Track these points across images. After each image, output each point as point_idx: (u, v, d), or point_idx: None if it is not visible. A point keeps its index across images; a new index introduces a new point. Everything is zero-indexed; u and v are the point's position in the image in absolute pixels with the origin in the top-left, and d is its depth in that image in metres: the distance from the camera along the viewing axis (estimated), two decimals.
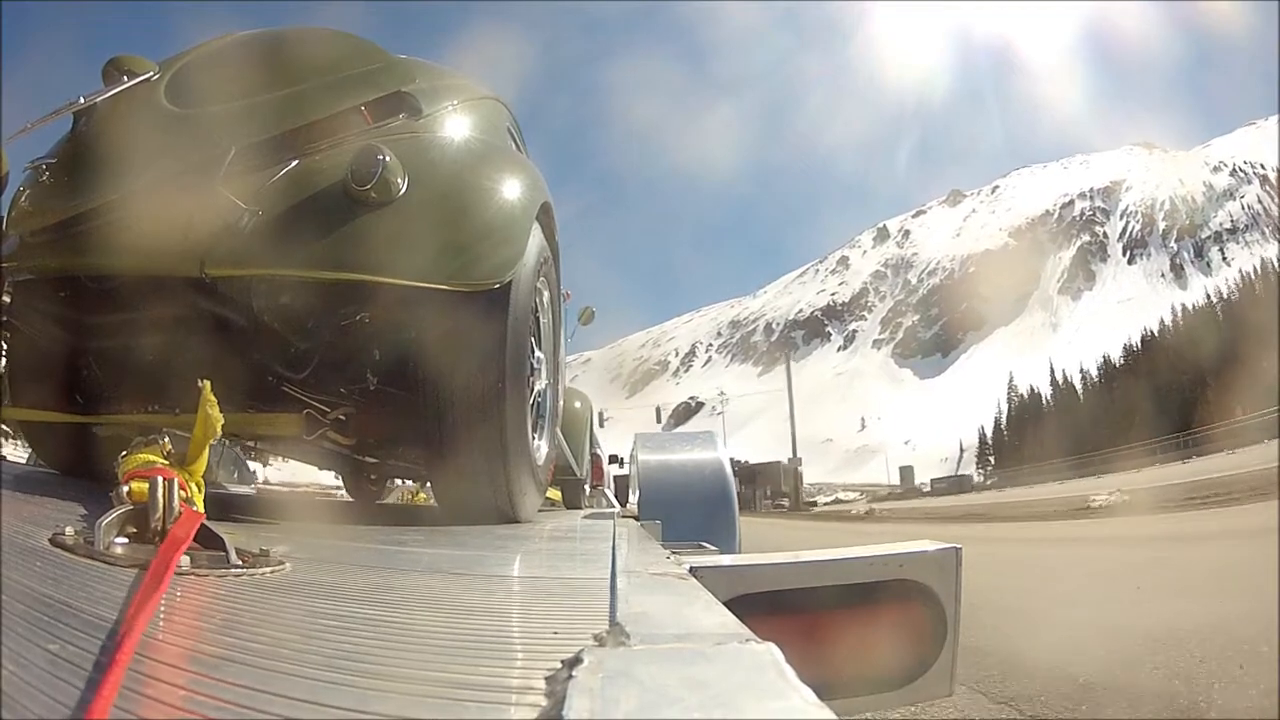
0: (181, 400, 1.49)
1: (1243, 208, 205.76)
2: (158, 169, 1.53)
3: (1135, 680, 2.90)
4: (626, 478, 5.37)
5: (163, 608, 0.60)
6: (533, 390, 1.90)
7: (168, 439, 1.04)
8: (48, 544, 0.76)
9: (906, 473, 67.10)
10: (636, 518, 2.18)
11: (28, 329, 1.69)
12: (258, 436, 2.17)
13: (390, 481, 4.63)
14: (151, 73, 1.66)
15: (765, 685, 0.40)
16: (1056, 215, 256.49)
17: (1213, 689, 2.71)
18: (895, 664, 1.04)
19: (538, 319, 1.97)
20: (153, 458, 0.98)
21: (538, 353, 1.99)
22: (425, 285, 1.48)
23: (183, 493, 0.86)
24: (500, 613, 0.79)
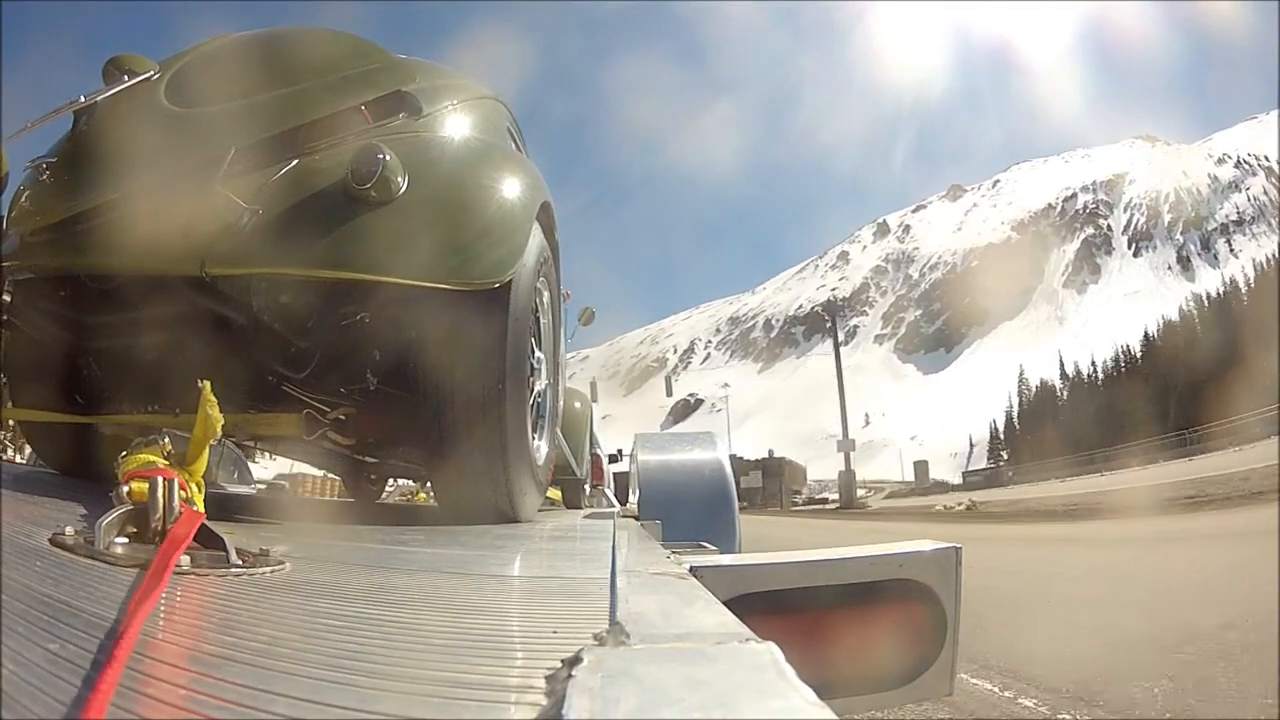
0: (181, 400, 1.49)
1: (1248, 199, 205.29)
2: (158, 168, 1.53)
3: None
4: (626, 475, 5.37)
5: (163, 607, 0.60)
6: (533, 390, 1.90)
7: (168, 439, 1.04)
8: (48, 544, 0.76)
9: (921, 468, 65.54)
10: (636, 517, 2.18)
11: (28, 329, 1.69)
12: (258, 436, 2.17)
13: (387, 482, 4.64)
14: (151, 72, 1.66)
15: (765, 685, 0.40)
16: (1059, 209, 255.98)
17: None
18: (895, 663, 1.04)
19: (538, 319, 1.97)
20: (153, 458, 0.98)
21: (538, 352, 1.99)
22: (425, 284, 1.48)
23: (183, 493, 0.86)
24: (500, 612, 0.79)
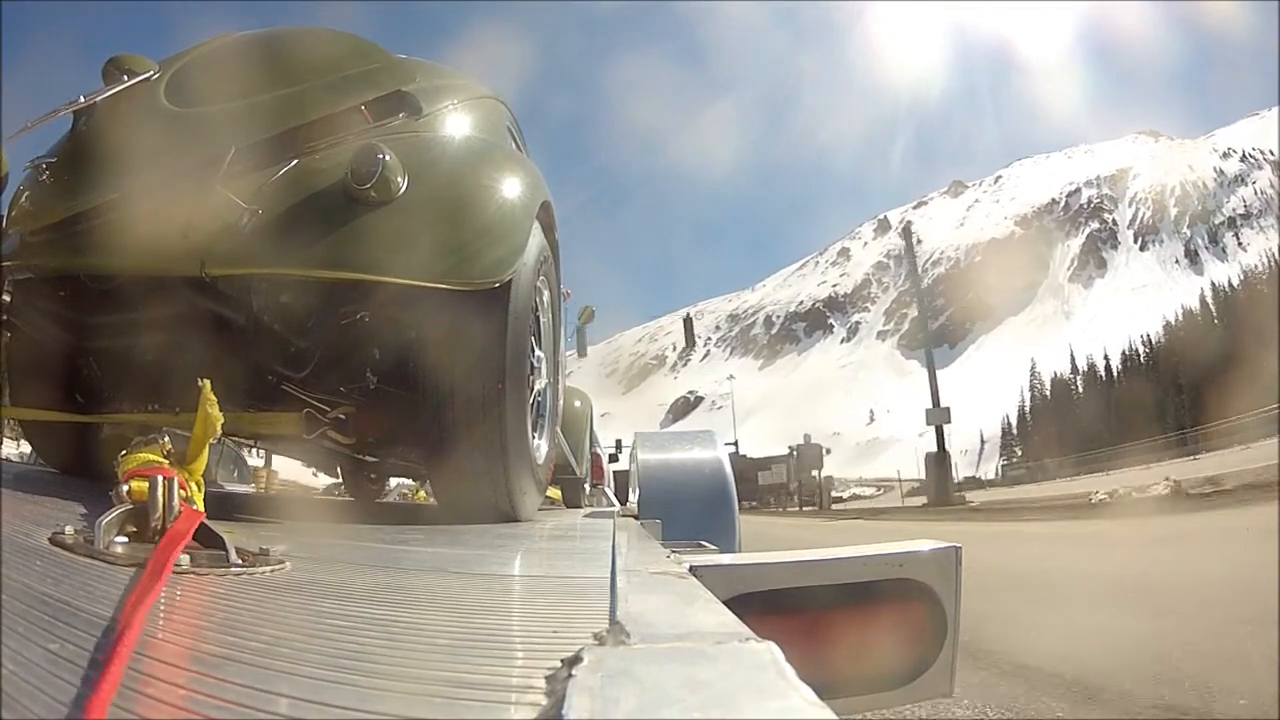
0: (181, 399, 1.49)
1: (1255, 193, 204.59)
2: (158, 168, 1.53)
3: None
4: (625, 473, 5.37)
5: (163, 607, 0.60)
6: (533, 389, 1.90)
7: (168, 438, 1.04)
8: (48, 543, 0.76)
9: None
10: (636, 517, 2.18)
11: (28, 329, 1.69)
12: (258, 435, 2.18)
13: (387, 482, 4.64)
14: (151, 72, 1.66)
15: (765, 684, 0.40)
16: (1063, 203, 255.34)
17: None
18: (895, 663, 1.04)
19: (538, 318, 1.97)
20: (153, 457, 0.98)
21: (538, 352, 1.99)
22: (425, 284, 1.48)
23: (183, 492, 0.86)
24: (500, 611, 0.79)
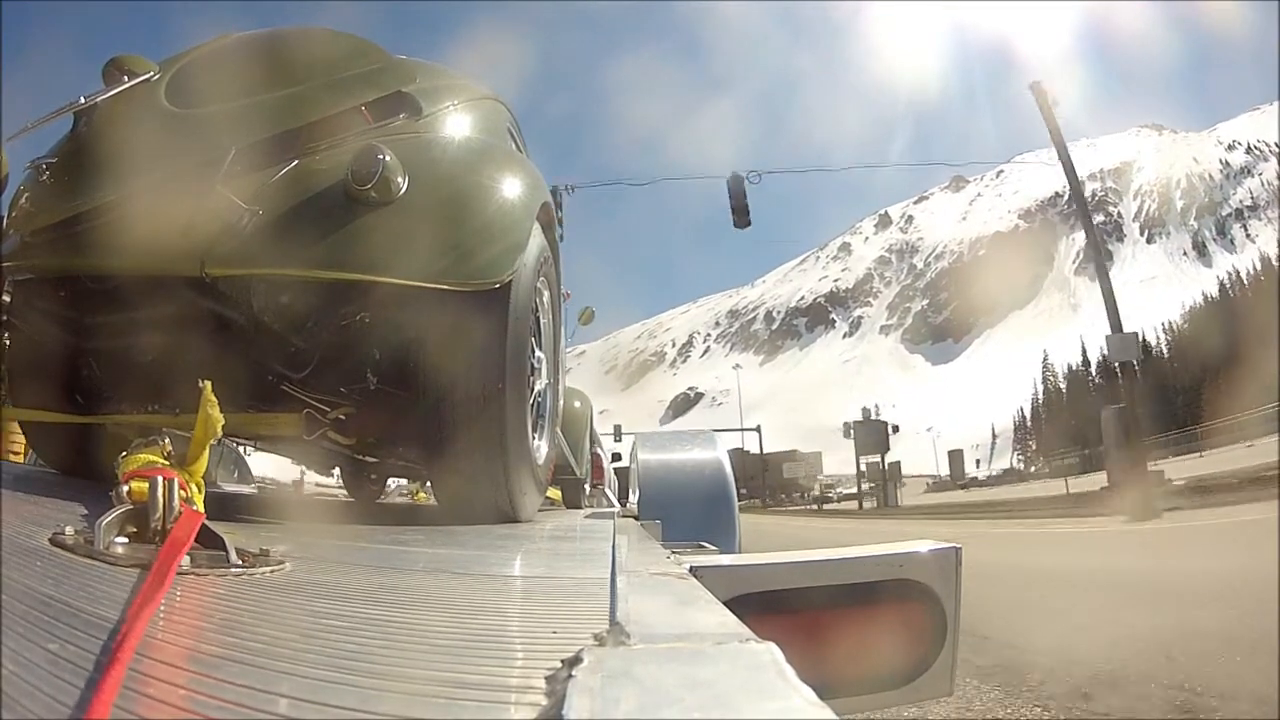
0: (181, 400, 1.49)
1: (1263, 184, 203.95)
2: (158, 169, 1.53)
3: None
4: (627, 471, 5.36)
5: (163, 607, 0.60)
6: (533, 390, 1.90)
7: (168, 439, 1.04)
8: (48, 544, 0.76)
9: (955, 458, 61.34)
10: (636, 517, 2.18)
11: (28, 329, 1.69)
12: (258, 436, 2.17)
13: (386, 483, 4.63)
14: (151, 73, 1.66)
15: (765, 685, 0.40)
16: (1067, 197, 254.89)
17: None
18: (895, 663, 1.04)
19: (538, 318, 1.97)
20: (153, 458, 0.98)
21: (538, 352, 1.99)
22: (425, 285, 1.48)
23: (183, 493, 0.86)
24: (500, 612, 0.79)
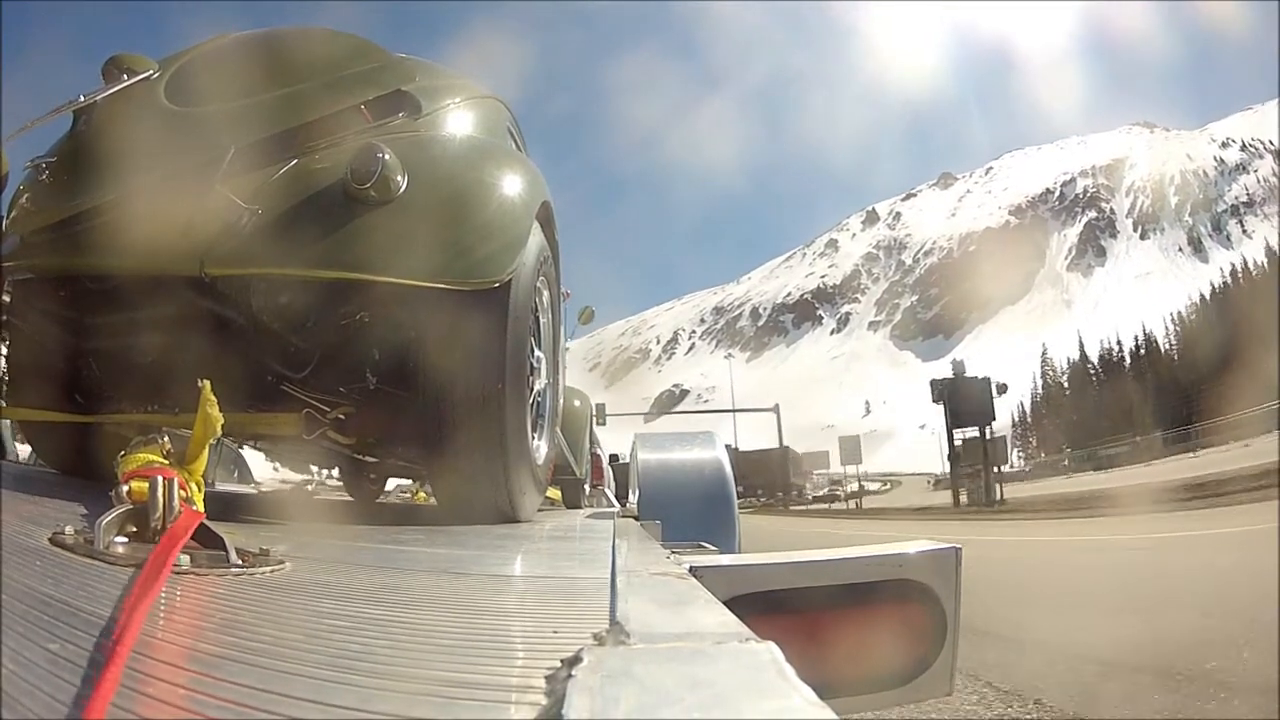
0: (181, 400, 1.49)
1: (1259, 180, 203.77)
2: (158, 168, 1.53)
3: None
4: (622, 467, 5.33)
5: (163, 607, 0.60)
6: (532, 390, 1.90)
7: (167, 438, 1.04)
8: (48, 544, 0.76)
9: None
10: (636, 517, 2.18)
11: (28, 329, 1.69)
12: (258, 436, 2.17)
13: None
14: (151, 71, 1.66)
15: (765, 684, 0.40)
16: (1058, 193, 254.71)
17: None
18: (895, 663, 1.04)
19: (537, 318, 1.97)
20: (153, 457, 0.98)
21: (537, 352, 1.99)
22: (425, 284, 1.48)
23: (183, 492, 0.86)
24: (500, 612, 0.80)
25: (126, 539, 0.79)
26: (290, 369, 1.63)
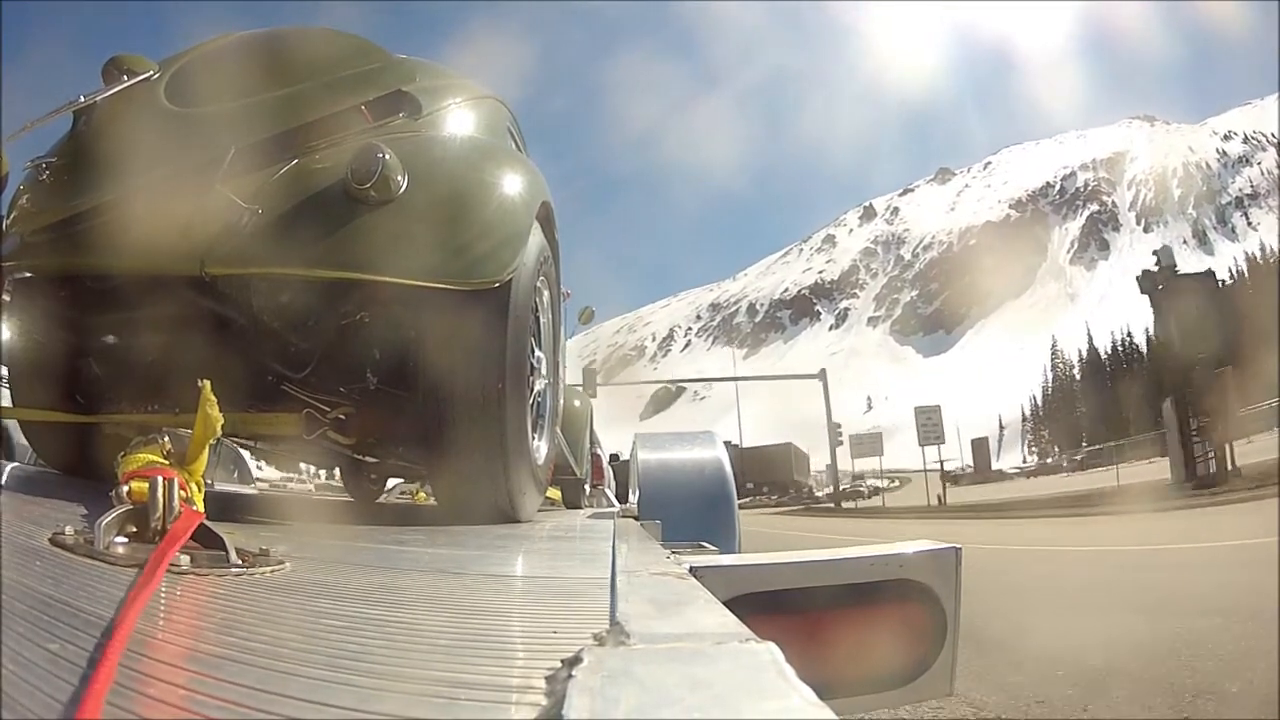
0: (181, 400, 1.49)
1: (1262, 172, 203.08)
2: (158, 168, 1.53)
3: None
4: (627, 467, 5.31)
5: (163, 607, 0.60)
6: (532, 390, 1.90)
7: (168, 439, 1.04)
8: (48, 544, 0.76)
9: (980, 447, 54.30)
10: (636, 517, 2.18)
11: (28, 329, 1.69)
12: (258, 436, 2.17)
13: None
14: (151, 72, 1.66)
15: (765, 685, 0.40)
16: (1058, 187, 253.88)
17: None
18: (895, 663, 1.04)
19: (538, 318, 1.97)
20: (153, 457, 0.98)
21: (538, 352, 1.99)
22: (425, 284, 1.48)
23: (183, 492, 0.86)
24: (500, 612, 0.79)
25: (126, 539, 0.79)
26: (290, 369, 1.63)
